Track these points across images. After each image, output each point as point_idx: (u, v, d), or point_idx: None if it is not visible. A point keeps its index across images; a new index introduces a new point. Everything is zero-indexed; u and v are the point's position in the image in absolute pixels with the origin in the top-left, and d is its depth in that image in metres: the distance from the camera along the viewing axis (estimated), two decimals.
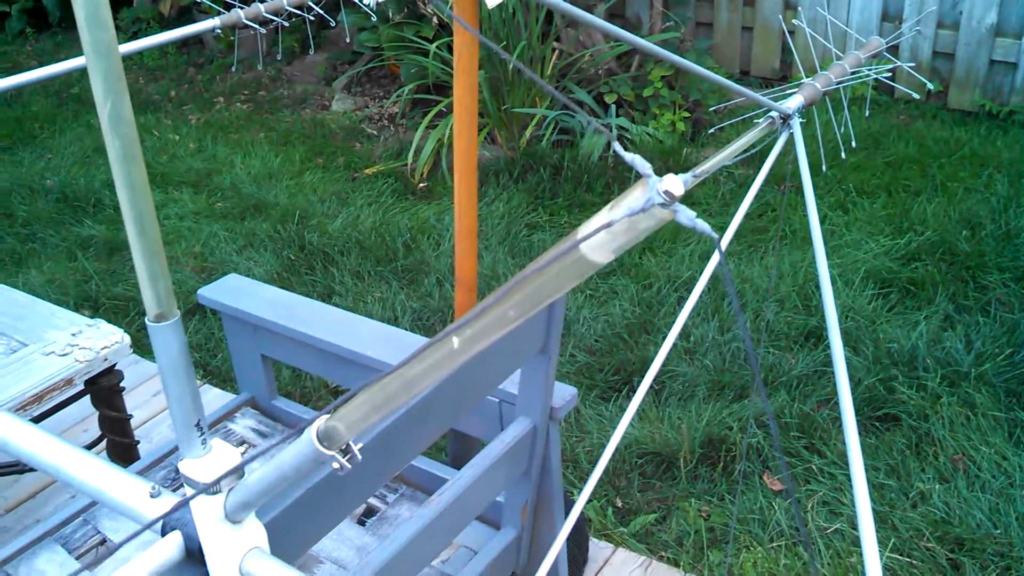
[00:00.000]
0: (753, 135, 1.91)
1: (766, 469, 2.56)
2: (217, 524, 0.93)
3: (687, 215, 0.55)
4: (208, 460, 0.92)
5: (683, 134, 4.48)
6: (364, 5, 2.66)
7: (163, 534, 0.99)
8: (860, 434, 2.58)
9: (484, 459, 1.53)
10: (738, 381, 2.86)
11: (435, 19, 4.79)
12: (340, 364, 1.76)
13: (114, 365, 2.15)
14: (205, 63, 6.02)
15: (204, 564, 0.98)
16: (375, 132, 4.89)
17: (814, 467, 2.53)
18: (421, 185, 4.28)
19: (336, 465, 0.79)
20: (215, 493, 0.91)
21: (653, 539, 2.33)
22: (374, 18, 4.78)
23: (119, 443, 2.20)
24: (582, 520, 2.18)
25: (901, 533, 2.33)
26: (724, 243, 1.34)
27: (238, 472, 0.91)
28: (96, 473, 1.05)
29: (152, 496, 1.01)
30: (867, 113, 4.48)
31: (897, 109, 4.85)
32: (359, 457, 0.79)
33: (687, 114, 4.49)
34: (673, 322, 3.40)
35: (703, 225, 0.55)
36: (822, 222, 3.69)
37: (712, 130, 4.37)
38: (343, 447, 0.79)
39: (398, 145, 4.64)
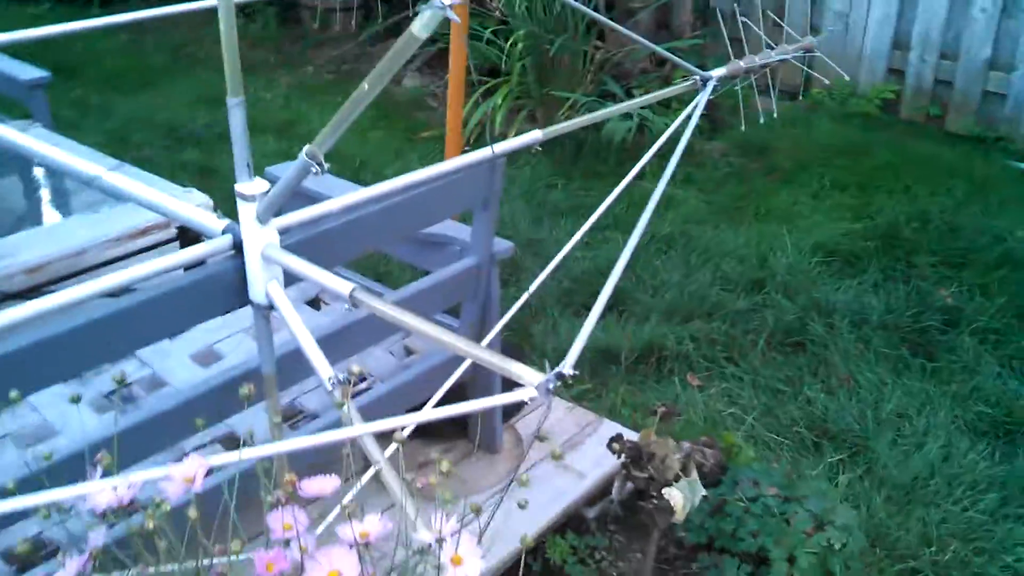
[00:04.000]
0: (674, 89, 2.68)
1: (690, 371, 3.22)
2: (253, 224, 1.66)
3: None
4: (252, 184, 1.65)
5: (700, 129, 5.13)
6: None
7: (222, 235, 1.72)
8: (769, 352, 3.23)
9: (441, 273, 2.24)
10: (687, 312, 3.52)
11: (497, 12, 5.54)
12: None
13: None
14: (300, 38, 6.89)
15: (242, 255, 1.71)
16: (435, 105, 5.67)
17: (726, 372, 3.19)
18: (465, 148, 5.02)
19: (315, 170, 1.50)
20: (253, 201, 1.64)
21: (586, 404, 3.00)
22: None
23: None
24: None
25: (780, 420, 2.97)
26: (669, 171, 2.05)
27: (267, 191, 1.64)
28: (180, 205, 1.80)
29: (219, 218, 1.76)
30: (774, 99, 5.08)
31: (899, 129, 5.42)
32: (326, 168, 1.51)
33: (705, 112, 5.13)
34: (648, 268, 3.93)
35: (451, 14, 1.25)
36: (793, 204, 4.33)
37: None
38: (320, 161, 1.51)
39: None
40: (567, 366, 1.35)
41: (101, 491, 1.09)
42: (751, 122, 2.99)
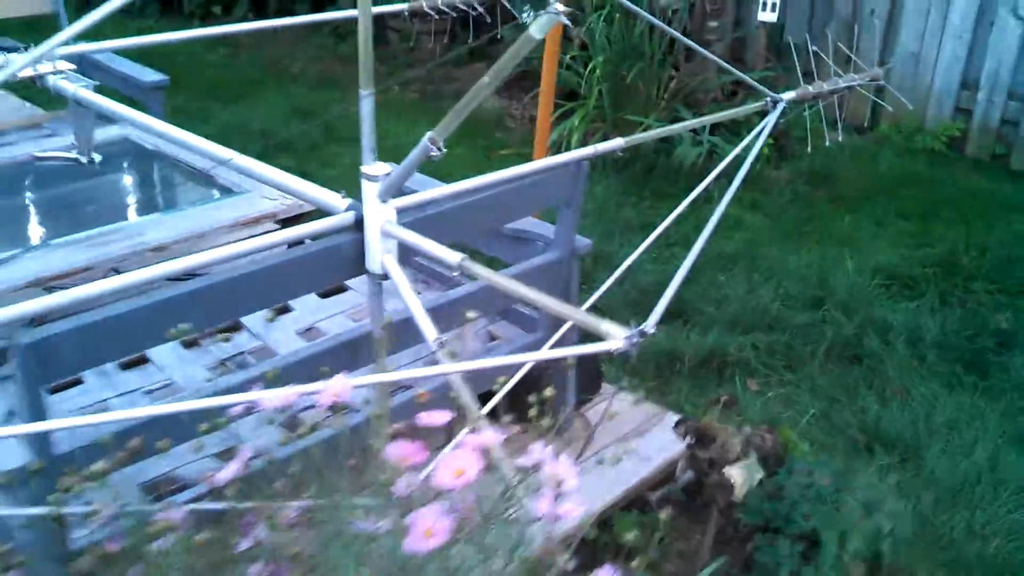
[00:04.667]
0: (746, 109, 2.92)
1: (750, 377, 3.41)
2: (374, 201, 1.91)
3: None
4: (376, 166, 1.91)
5: (768, 158, 5.32)
6: (523, 19, 3.80)
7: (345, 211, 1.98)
8: (827, 364, 3.40)
9: (527, 264, 2.48)
10: (748, 323, 3.70)
11: (577, 40, 5.80)
12: None
13: (307, 212, 3.20)
14: (388, 58, 7.23)
15: (362, 231, 1.97)
16: (514, 125, 5.94)
17: (784, 379, 3.37)
18: None
19: (435, 152, 1.75)
20: (376, 181, 1.89)
21: (651, 398, 3.21)
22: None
23: None
24: (597, 363, 3.09)
25: (835, 425, 3.14)
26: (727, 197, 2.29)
27: (388, 174, 1.90)
28: (308, 187, 2.06)
29: (343, 197, 2.02)
30: (839, 133, 5.21)
31: (964, 165, 5.55)
32: (444, 151, 1.75)
33: (772, 141, 5.34)
34: (714, 283, 4.12)
35: (564, 18, 1.50)
36: (856, 231, 4.50)
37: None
38: (439, 147, 1.75)
39: (530, 136, 5.65)
40: (650, 325, 1.58)
41: (269, 398, 1.34)
42: (818, 150, 3.18)
